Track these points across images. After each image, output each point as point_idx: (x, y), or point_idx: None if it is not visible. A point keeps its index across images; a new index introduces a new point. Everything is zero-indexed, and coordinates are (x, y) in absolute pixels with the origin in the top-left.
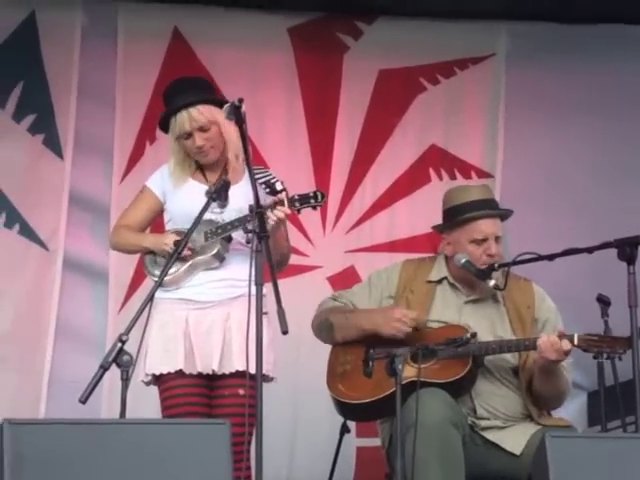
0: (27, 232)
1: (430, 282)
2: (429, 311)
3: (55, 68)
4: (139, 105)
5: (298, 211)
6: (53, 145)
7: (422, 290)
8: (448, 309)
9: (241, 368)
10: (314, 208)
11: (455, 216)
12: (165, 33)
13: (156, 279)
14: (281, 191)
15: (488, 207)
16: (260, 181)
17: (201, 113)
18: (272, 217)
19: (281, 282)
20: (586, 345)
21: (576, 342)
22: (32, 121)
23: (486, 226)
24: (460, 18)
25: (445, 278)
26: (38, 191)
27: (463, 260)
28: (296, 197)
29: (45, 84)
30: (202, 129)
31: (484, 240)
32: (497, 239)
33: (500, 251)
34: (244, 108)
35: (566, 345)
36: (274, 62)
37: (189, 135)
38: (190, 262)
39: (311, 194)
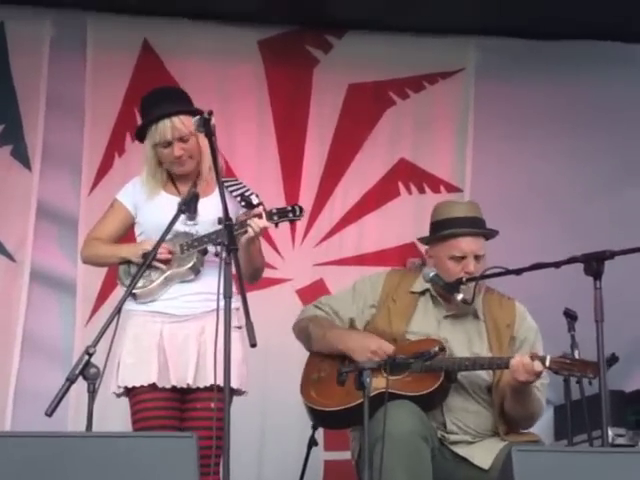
0: None
1: (413, 293)
2: (409, 322)
3: (24, 79)
4: (108, 117)
5: (276, 225)
6: (21, 156)
7: (404, 300)
8: (428, 322)
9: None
10: (292, 222)
11: (437, 231)
12: (135, 45)
13: (134, 291)
14: (258, 205)
15: (470, 225)
16: (235, 193)
17: (183, 123)
18: (253, 228)
19: (250, 295)
20: (558, 368)
21: (548, 364)
22: (0, 132)
23: (466, 244)
24: (430, 33)
25: (428, 290)
26: (5, 202)
27: (431, 274)
28: (274, 211)
29: (13, 95)
30: (182, 139)
31: (463, 257)
32: (477, 258)
33: (480, 269)
34: (214, 120)
35: (538, 366)
36: (244, 75)
37: (168, 144)
38: (165, 274)
39: (289, 208)
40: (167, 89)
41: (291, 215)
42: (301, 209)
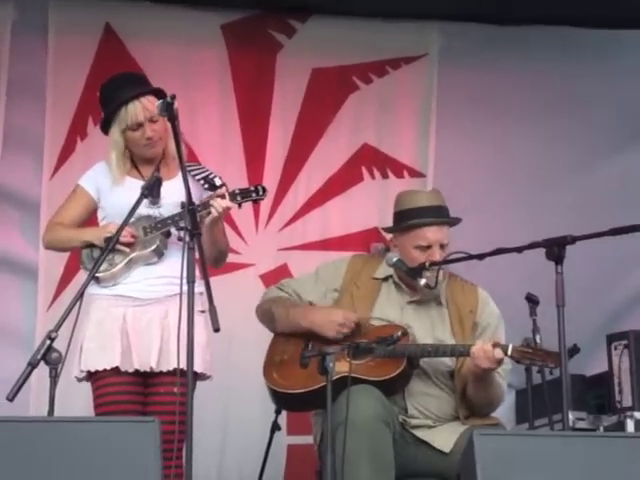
0: None
1: (376, 279)
2: (372, 308)
3: None
4: (70, 101)
5: (239, 205)
6: None
7: (367, 286)
8: (391, 308)
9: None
10: (255, 202)
11: (401, 221)
12: (97, 28)
13: (96, 275)
14: (221, 186)
15: (434, 214)
16: (198, 177)
17: (152, 103)
18: (216, 208)
19: (213, 279)
20: (519, 357)
21: (510, 353)
22: None
23: (431, 233)
24: (393, 18)
25: (391, 276)
26: None
27: (394, 259)
28: (237, 191)
29: None
30: (152, 120)
31: (428, 247)
32: (442, 246)
33: (444, 257)
34: (177, 105)
35: (499, 354)
36: (207, 59)
37: (139, 125)
38: (129, 257)
39: (252, 188)
40: (126, 74)
41: (254, 195)
42: (264, 189)
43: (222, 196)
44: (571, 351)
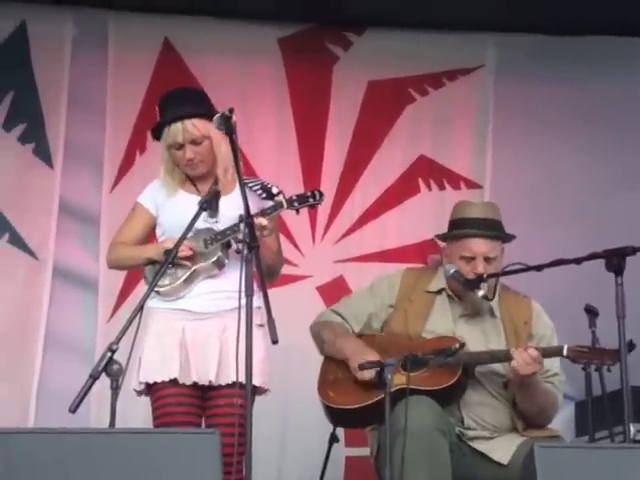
0: (17, 241)
1: (429, 292)
2: (426, 321)
3: (45, 78)
4: (129, 115)
5: (297, 211)
6: (43, 154)
7: (421, 300)
8: (444, 320)
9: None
10: (312, 207)
11: (451, 229)
12: (155, 43)
13: (157, 289)
14: (278, 194)
15: (483, 227)
16: (255, 188)
17: (195, 127)
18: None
19: (271, 292)
20: (575, 356)
21: (565, 353)
22: (22, 130)
23: (476, 245)
24: (449, 29)
25: (444, 289)
26: (28, 200)
27: (452, 270)
28: (294, 197)
29: (35, 94)
30: (194, 142)
31: (472, 258)
32: (488, 260)
33: (491, 270)
34: (234, 118)
35: (532, 352)
36: (264, 72)
37: (180, 146)
38: (190, 270)
39: (309, 193)
40: (184, 90)
41: (311, 200)
42: (321, 193)
43: (261, 212)
44: (628, 347)
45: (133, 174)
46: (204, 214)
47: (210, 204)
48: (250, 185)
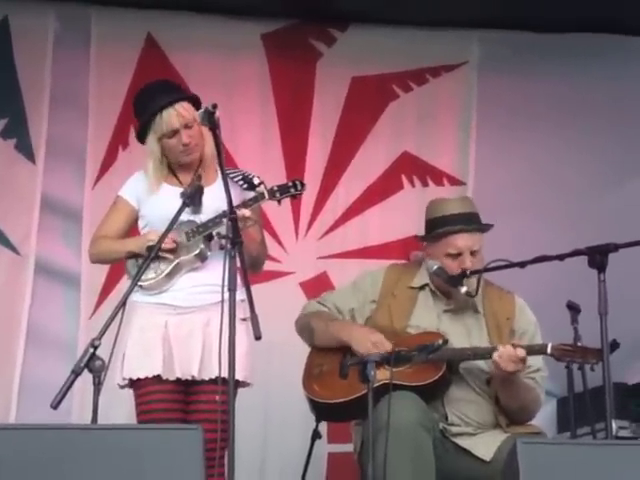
0: None
1: (412, 288)
2: (409, 316)
3: (28, 73)
4: (112, 110)
5: (279, 202)
6: (25, 150)
7: (404, 295)
8: (428, 316)
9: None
10: (294, 197)
11: (431, 230)
12: (138, 39)
13: (141, 283)
14: (259, 184)
15: (463, 222)
16: (236, 179)
17: (186, 110)
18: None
19: (254, 288)
20: (559, 354)
21: (549, 351)
22: (4, 126)
23: (461, 240)
24: (433, 26)
25: (427, 285)
26: (10, 196)
27: (435, 267)
28: (275, 188)
29: (17, 89)
30: (187, 126)
31: (459, 254)
32: (473, 253)
33: (476, 263)
34: (218, 114)
35: (521, 352)
36: (247, 68)
37: (175, 132)
38: (173, 263)
39: (290, 183)
40: (159, 82)
41: (293, 190)
42: (302, 183)
43: (242, 204)
44: (611, 346)
45: (116, 170)
46: (187, 208)
47: (193, 200)
48: (231, 176)
